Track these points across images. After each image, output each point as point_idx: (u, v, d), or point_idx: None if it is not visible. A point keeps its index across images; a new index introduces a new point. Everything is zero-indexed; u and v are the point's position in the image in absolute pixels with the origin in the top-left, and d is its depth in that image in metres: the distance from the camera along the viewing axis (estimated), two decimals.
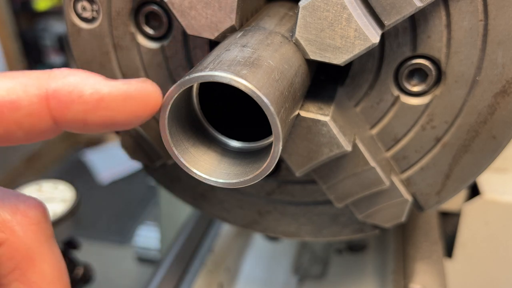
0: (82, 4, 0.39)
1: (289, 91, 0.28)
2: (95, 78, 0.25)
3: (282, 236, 0.48)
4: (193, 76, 0.25)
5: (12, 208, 0.26)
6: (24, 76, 0.24)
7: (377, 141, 0.39)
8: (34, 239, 0.26)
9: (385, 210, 0.42)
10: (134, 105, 0.25)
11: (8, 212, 0.25)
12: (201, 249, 0.68)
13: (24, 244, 0.25)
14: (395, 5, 0.29)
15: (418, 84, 0.36)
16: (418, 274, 0.53)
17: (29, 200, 0.27)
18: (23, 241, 0.25)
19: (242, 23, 0.33)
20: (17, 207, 0.26)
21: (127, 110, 0.25)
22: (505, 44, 0.33)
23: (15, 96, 0.23)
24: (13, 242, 0.25)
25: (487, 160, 0.38)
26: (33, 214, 0.26)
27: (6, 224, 0.25)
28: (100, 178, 2.71)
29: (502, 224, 0.62)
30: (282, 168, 0.43)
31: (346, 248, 0.70)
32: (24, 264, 0.25)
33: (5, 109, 0.23)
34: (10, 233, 0.25)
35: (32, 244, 0.26)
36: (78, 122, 0.25)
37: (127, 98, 0.25)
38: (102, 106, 0.24)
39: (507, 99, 0.34)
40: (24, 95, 0.23)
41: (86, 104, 0.24)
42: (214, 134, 0.32)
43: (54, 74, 0.24)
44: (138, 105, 0.25)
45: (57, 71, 0.25)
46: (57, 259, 0.27)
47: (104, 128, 0.25)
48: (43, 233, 0.27)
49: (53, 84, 0.24)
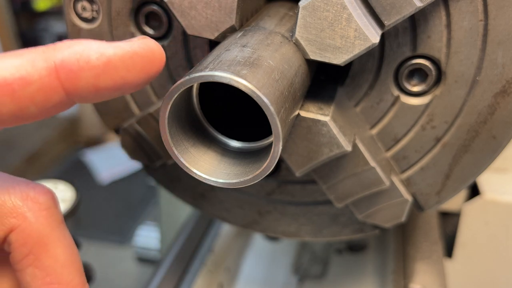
0: (82, 4, 0.39)
1: (289, 91, 0.28)
2: (98, 43, 0.25)
3: (282, 236, 0.48)
4: (193, 76, 0.25)
5: (23, 194, 0.26)
6: (30, 52, 0.24)
7: (377, 141, 0.39)
8: (46, 224, 0.26)
9: (385, 210, 0.42)
10: (141, 62, 0.26)
11: (19, 198, 0.26)
12: (201, 249, 0.68)
13: (36, 229, 0.26)
14: (395, 5, 0.29)
15: (418, 84, 0.36)
16: (418, 274, 0.53)
17: (39, 186, 0.27)
18: (35, 226, 0.26)
19: (242, 23, 0.33)
20: (27, 193, 0.26)
21: (135, 68, 0.25)
22: (505, 44, 0.33)
23: (24, 71, 0.23)
24: (25, 228, 0.26)
25: (487, 160, 0.38)
26: (43, 199, 0.27)
27: (17, 210, 0.26)
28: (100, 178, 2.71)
29: (502, 224, 0.62)
30: (282, 168, 0.43)
31: (346, 248, 0.70)
32: (37, 249, 0.26)
33: (16, 86, 0.23)
34: (22, 219, 0.25)
35: (44, 229, 0.26)
36: (90, 89, 0.25)
37: (133, 55, 0.25)
38: (111, 68, 0.25)
39: (507, 99, 0.34)
40: (33, 70, 0.23)
41: (95, 68, 0.24)
42: (214, 134, 0.32)
43: (59, 46, 0.25)
44: (144, 61, 0.26)
45: (61, 43, 0.25)
46: (69, 243, 0.27)
47: (116, 91, 0.26)
48: (54, 218, 0.27)
49: (59, 55, 0.24)
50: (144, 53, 0.26)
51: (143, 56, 0.26)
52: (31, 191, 0.26)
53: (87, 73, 0.24)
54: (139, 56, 0.25)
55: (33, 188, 0.27)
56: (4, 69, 0.23)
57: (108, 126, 0.45)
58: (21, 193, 0.26)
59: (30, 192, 0.26)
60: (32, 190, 0.27)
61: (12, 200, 0.26)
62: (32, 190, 0.27)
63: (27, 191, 0.26)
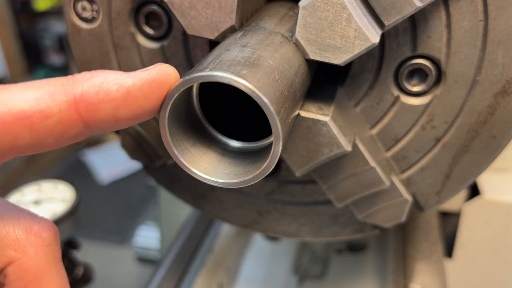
0: (82, 4, 0.39)
1: (289, 91, 0.28)
2: (117, 74, 0.25)
3: (282, 236, 0.48)
4: (193, 76, 0.25)
5: (27, 227, 0.26)
6: (50, 84, 0.24)
7: (377, 141, 0.39)
8: (45, 261, 0.26)
9: (385, 210, 0.42)
10: (159, 89, 0.26)
11: (23, 231, 0.26)
12: (201, 249, 0.68)
13: (35, 265, 0.26)
14: (395, 5, 0.29)
15: (418, 84, 0.36)
16: (418, 274, 0.53)
17: (43, 221, 0.27)
18: (34, 262, 0.26)
19: (242, 23, 0.33)
20: (31, 227, 0.26)
21: (154, 95, 0.25)
22: (505, 44, 0.33)
23: (44, 105, 0.23)
24: (24, 262, 0.25)
25: (487, 160, 0.38)
26: (46, 235, 0.26)
27: (19, 243, 0.25)
28: (100, 178, 2.71)
29: (502, 224, 0.62)
30: (282, 168, 0.43)
31: (346, 248, 0.70)
32: (32, 285, 0.26)
33: (36, 119, 0.23)
34: (23, 253, 0.25)
35: (42, 266, 0.26)
36: (109, 120, 0.25)
37: (151, 83, 0.25)
38: (130, 98, 0.25)
39: (507, 99, 0.34)
40: (52, 103, 0.23)
41: (115, 100, 0.24)
42: (214, 134, 0.32)
43: (77, 78, 0.25)
44: (162, 88, 0.26)
45: (79, 76, 0.25)
46: (63, 282, 0.27)
47: (135, 119, 0.26)
48: (53, 256, 0.27)
49: (79, 88, 0.24)
50: (161, 80, 0.26)
51: (161, 82, 0.26)
52: (36, 225, 0.26)
53: (106, 105, 0.24)
54: (157, 83, 0.25)
55: (37, 222, 0.27)
56: (23, 102, 0.23)
57: None
58: (25, 226, 0.26)
59: (34, 226, 0.26)
60: (36, 224, 0.26)
61: (16, 233, 0.25)
62: (37, 224, 0.26)
63: (31, 225, 0.26)
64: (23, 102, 0.23)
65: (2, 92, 0.23)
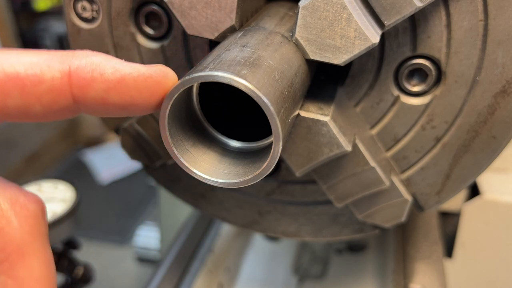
0: (82, 4, 0.39)
1: (289, 91, 0.28)
2: (118, 60, 0.25)
3: (282, 236, 0.48)
4: (193, 76, 0.25)
5: (12, 198, 0.25)
6: (49, 54, 0.24)
7: (377, 141, 0.39)
8: (29, 233, 0.25)
9: (385, 210, 0.42)
10: (154, 86, 0.26)
11: (8, 201, 0.25)
12: (201, 249, 0.68)
13: (18, 236, 0.25)
14: (395, 5, 0.29)
15: (418, 84, 0.36)
16: (418, 274, 0.53)
17: (30, 194, 0.27)
18: (18, 233, 0.25)
19: (242, 23, 0.33)
20: (17, 198, 0.26)
21: (147, 91, 0.26)
22: (505, 44, 0.33)
23: (39, 70, 0.24)
24: (7, 233, 0.25)
25: (487, 160, 0.38)
26: (32, 207, 0.26)
27: (4, 213, 0.25)
28: (100, 178, 2.71)
29: (502, 224, 0.62)
30: (282, 168, 0.43)
31: (346, 248, 0.70)
32: (14, 257, 0.25)
33: (28, 82, 0.23)
34: (6, 223, 0.25)
35: (26, 238, 0.25)
36: (98, 101, 0.25)
37: (147, 78, 0.25)
38: (123, 85, 0.25)
39: (507, 99, 0.34)
40: (47, 70, 0.24)
41: (107, 82, 0.25)
42: (214, 134, 0.32)
43: (78, 53, 0.25)
44: (157, 87, 0.26)
45: (80, 51, 0.25)
46: (48, 257, 0.26)
47: (122, 110, 0.26)
48: (39, 229, 0.26)
49: (76, 62, 0.24)
50: (159, 79, 0.26)
51: (157, 81, 0.26)
52: (22, 197, 0.26)
53: (98, 85, 0.24)
54: (153, 80, 0.26)
55: (24, 195, 0.26)
56: (19, 64, 0.23)
57: (108, 126, 0.45)
58: (10, 196, 0.25)
59: (20, 198, 0.26)
60: (22, 196, 0.26)
61: (0, 203, 0.25)
62: (23, 196, 0.26)
63: (17, 196, 0.26)
64: (18, 64, 0.23)
65: (1, 54, 0.24)
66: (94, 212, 2.43)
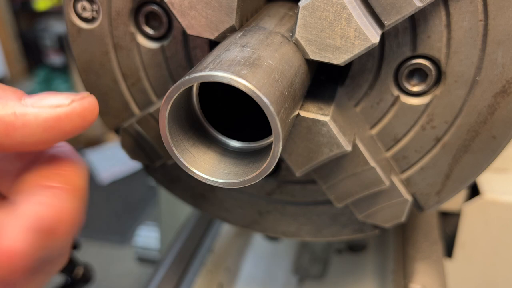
0: (82, 4, 0.39)
1: (289, 91, 0.28)
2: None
3: (282, 236, 0.48)
4: (193, 76, 0.25)
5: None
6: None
7: (377, 141, 0.39)
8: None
9: (385, 210, 0.42)
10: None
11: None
12: (201, 249, 0.68)
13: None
14: (395, 5, 0.29)
15: (418, 84, 0.36)
16: (418, 274, 0.53)
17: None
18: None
19: (242, 23, 0.33)
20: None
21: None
22: (505, 44, 0.33)
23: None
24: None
25: (487, 160, 0.38)
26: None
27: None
28: (100, 178, 2.71)
29: (502, 224, 0.62)
30: (282, 168, 0.43)
31: (346, 248, 0.70)
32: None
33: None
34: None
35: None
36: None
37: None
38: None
39: (507, 99, 0.34)
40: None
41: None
42: (214, 134, 0.32)
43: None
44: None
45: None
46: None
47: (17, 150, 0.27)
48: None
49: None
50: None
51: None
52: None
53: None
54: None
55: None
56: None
57: (108, 126, 0.45)
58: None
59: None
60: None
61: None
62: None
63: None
64: None
65: None
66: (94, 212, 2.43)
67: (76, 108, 0.27)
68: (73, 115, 0.27)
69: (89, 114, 0.28)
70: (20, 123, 0.26)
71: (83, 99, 0.28)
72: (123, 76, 0.42)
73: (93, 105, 0.28)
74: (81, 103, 0.27)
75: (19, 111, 0.26)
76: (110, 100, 0.43)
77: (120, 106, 0.43)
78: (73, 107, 0.27)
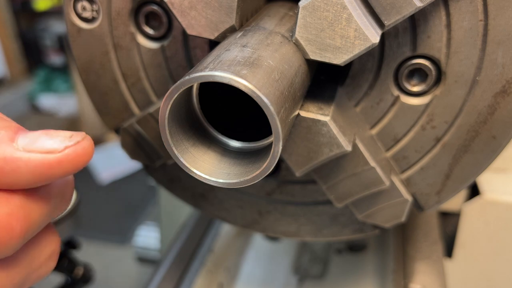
0: (82, 4, 0.39)
1: (289, 91, 0.28)
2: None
3: (282, 236, 0.48)
4: (193, 76, 0.25)
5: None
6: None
7: (377, 141, 0.39)
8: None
9: (385, 210, 0.42)
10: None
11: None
12: (201, 249, 0.68)
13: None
14: (395, 5, 0.29)
15: (418, 84, 0.36)
16: (418, 274, 0.53)
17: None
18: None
19: (242, 23, 0.33)
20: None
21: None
22: (505, 44, 0.33)
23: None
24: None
25: (487, 160, 0.38)
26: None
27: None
28: (100, 178, 2.71)
29: (502, 224, 0.62)
30: (282, 168, 0.43)
31: (346, 248, 0.70)
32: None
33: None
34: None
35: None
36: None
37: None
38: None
39: (507, 99, 0.34)
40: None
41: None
42: (214, 134, 0.32)
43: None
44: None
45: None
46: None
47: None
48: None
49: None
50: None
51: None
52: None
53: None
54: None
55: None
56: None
57: (108, 126, 0.45)
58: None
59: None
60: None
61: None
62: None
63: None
64: None
65: None
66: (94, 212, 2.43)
67: (70, 154, 0.26)
68: (65, 162, 0.26)
69: (81, 160, 0.26)
70: (9, 169, 0.24)
71: (77, 144, 0.26)
72: (123, 76, 0.42)
73: (86, 149, 0.27)
74: (75, 149, 0.26)
75: (10, 156, 0.24)
76: (110, 100, 0.43)
77: (120, 106, 0.43)
78: (66, 153, 0.26)
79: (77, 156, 0.26)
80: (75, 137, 0.26)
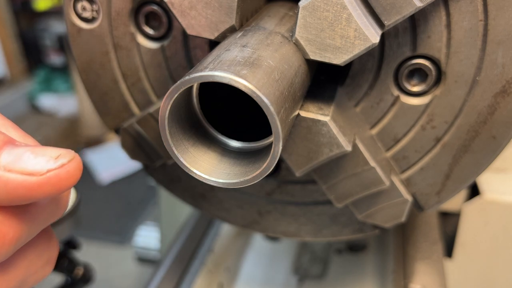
0: (82, 4, 0.39)
1: (289, 91, 0.28)
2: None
3: (282, 236, 0.48)
4: (193, 76, 0.25)
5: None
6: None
7: (377, 141, 0.39)
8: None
9: (385, 210, 0.42)
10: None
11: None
12: (201, 249, 0.68)
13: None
14: (395, 5, 0.29)
15: (418, 84, 0.36)
16: (418, 274, 0.53)
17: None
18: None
19: (242, 23, 0.33)
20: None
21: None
22: (505, 44, 0.33)
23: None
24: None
25: (487, 160, 0.38)
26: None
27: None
28: (100, 178, 2.71)
29: (502, 224, 0.62)
30: (282, 168, 0.43)
31: (346, 248, 0.70)
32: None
33: None
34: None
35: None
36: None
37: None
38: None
39: (507, 99, 0.34)
40: None
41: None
42: (214, 134, 0.32)
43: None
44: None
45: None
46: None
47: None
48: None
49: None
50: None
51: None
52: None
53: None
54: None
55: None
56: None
57: (108, 126, 0.45)
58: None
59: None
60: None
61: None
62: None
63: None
64: None
65: None
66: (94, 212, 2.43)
67: (51, 178, 0.24)
68: (45, 185, 0.24)
69: (64, 184, 0.25)
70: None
71: (61, 167, 0.25)
72: (123, 76, 0.42)
73: (71, 172, 0.25)
74: (58, 173, 0.25)
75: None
76: (110, 100, 0.43)
77: (120, 106, 0.43)
78: (47, 177, 0.24)
79: (59, 180, 0.25)
80: (62, 158, 0.25)
